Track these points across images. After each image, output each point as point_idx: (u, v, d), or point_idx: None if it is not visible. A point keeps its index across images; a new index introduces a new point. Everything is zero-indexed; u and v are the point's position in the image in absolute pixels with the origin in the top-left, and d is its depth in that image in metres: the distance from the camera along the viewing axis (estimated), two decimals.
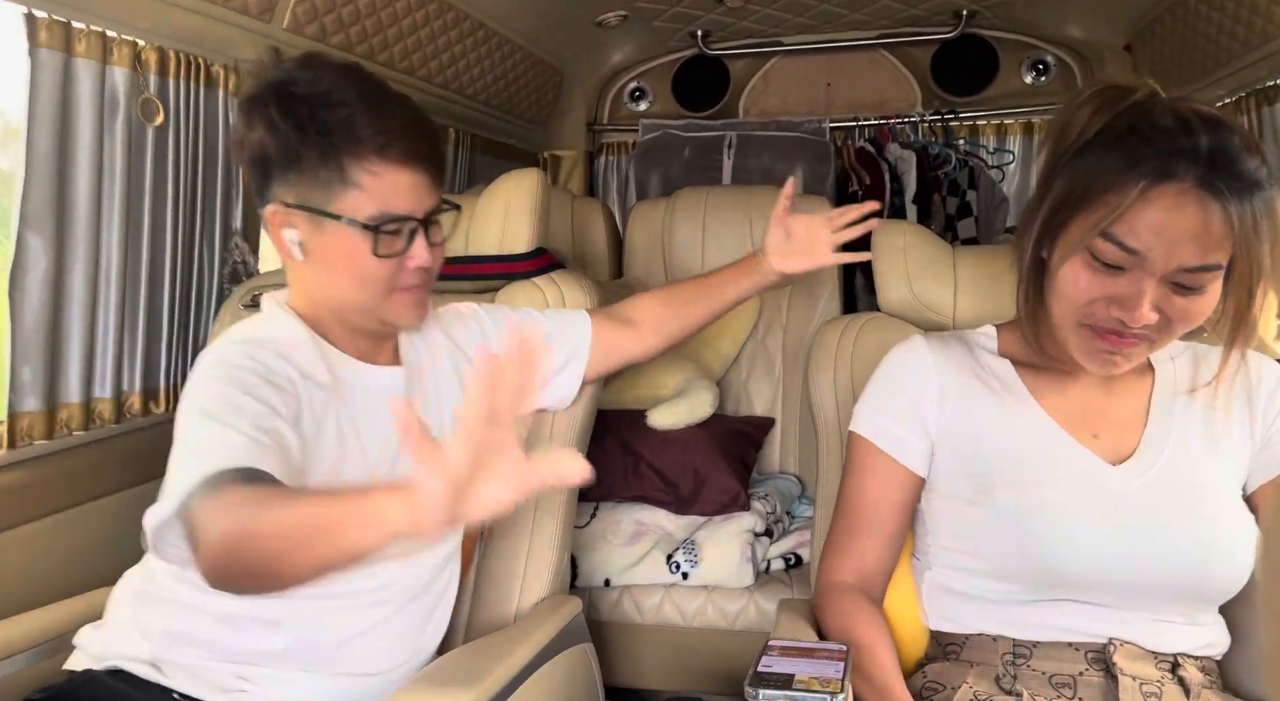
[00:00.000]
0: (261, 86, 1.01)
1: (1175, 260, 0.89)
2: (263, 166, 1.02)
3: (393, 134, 0.99)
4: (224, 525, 0.78)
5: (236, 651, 1.03)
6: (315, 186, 1.00)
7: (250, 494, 0.81)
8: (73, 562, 1.43)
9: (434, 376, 1.19)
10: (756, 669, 0.89)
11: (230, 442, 0.88)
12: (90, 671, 1.05)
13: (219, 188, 1.67)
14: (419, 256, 1.04)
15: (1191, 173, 0.88)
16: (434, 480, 0.64)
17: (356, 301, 1.06)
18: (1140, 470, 1.01)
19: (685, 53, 3.12)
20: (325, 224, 1.01)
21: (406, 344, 1.18)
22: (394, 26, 1.98)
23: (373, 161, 0.99)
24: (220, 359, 0.99)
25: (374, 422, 1.09)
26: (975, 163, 2.82)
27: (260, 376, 0.97)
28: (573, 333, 1.30)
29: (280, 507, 0.77)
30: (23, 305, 1.34)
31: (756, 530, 1.79)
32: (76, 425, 1.45)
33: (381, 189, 1.00)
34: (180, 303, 1.62)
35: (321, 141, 0.98)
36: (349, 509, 0.71)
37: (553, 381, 1.30)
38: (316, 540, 0.73)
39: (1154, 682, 0.97)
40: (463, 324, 1.25)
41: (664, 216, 2.26)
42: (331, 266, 1.03)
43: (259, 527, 0.76)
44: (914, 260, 1.34)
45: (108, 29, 1.40)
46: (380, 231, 1.01)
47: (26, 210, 1.32)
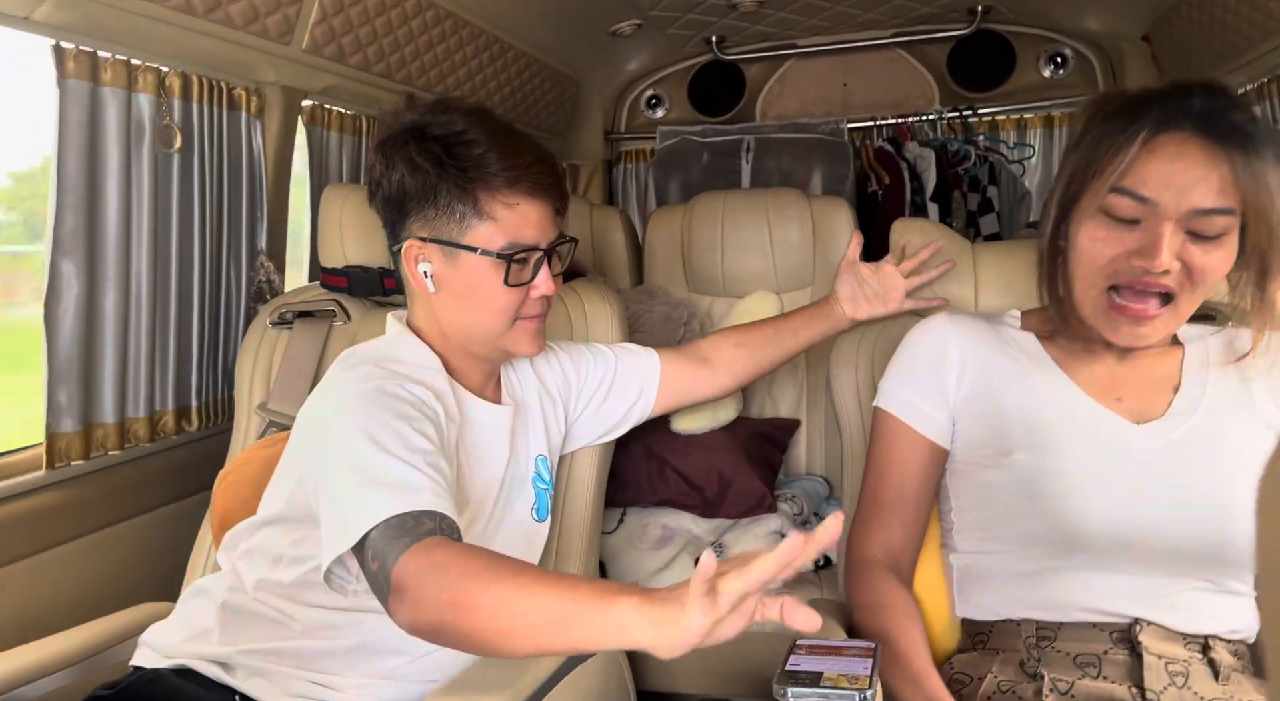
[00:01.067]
0: (397, 129, 1.07)
1: (1187, 203, 0.92)
2: (400, 204, 1.08)
3: (523, 169, 1.06)
4: (445, 595, 0.80)
5: (317, 661, 1.05)
6: (451, 221, 1.06)
7: (468, 560, 0.81)
8: (111, 580, 1.46)
9: (529, 414, 1.23)
10: (785, 667, 0.89)
11: (414, 482, 0.90)
12: (156, 670, 1.08)
13: (244, 208, 1.71)
14: (544, 285, 1.10)
15: (1190, 123, 0.94)
16: (703, 619, 0.67)
17: (484, 331, 1.10)
18: (1165, 431, 1.01)
19: (700, 58, 3.13)
20: (459, 256, 1.06)
21: (508, 382, 1.22)
22: (410, 44, 2.01)
23: (505, 194, 1.05)
24: (379, 388, 1.00)
25: (484, 459, 1.13)
26: (995, 158, 2.80)
27: (417, 409, 1.00)
28: (642, 374, 1.32)
29: (507, 585, 0.77)
30: (58, 329, 1.38)
31: (784, 531, 1.79)
32: (112, 445, 1.48)
33: (513, 220, 1.06)
34: (209, 322, 1.65)
35: (459, 176, 1.04)
36: (586, 608, 0.73)
37: (619, 422, 1.33)
38: (546, 630, 0.75)
39: (1181, 662, 0.96)
40: (547, 364, 1.28)
41: (683, 221, 2.27)
42: (463, 296, 1.08)
43: (483, 605, 0.77)
44: (934, 257, 1.34)
45: (132, 57, 1.43)
46: (512, 260, 1.05)
47: (59, 237, 1.36)
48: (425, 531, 0.86)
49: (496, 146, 1.05)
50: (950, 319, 1.15)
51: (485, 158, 1.04)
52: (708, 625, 0.67)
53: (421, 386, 1.04)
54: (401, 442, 0.94)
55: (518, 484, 1.18)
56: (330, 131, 1.95)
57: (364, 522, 0.87)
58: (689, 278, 2.27)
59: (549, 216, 1.10)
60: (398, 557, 0.84)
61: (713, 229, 2.21)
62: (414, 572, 0.82)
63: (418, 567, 0.82)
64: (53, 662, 1.18)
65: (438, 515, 0.88)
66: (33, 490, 1.37)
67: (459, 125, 1.05)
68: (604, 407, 1.31)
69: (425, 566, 0.82)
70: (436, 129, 1.05)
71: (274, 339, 1.55)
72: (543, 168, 1.08)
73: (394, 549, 0.84)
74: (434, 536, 0.85)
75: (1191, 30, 2.19)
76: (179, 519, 1.58)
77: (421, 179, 1.05)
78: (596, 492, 1.40)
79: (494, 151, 1.04)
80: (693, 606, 0.67)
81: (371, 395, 0.99)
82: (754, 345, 1.36)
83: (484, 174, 1.04)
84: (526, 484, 1.20)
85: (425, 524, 0.87)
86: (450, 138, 1.05)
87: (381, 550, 0.85)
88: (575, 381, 1.29)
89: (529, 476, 1.20)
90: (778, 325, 1.38)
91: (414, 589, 0.81)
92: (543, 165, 1.09)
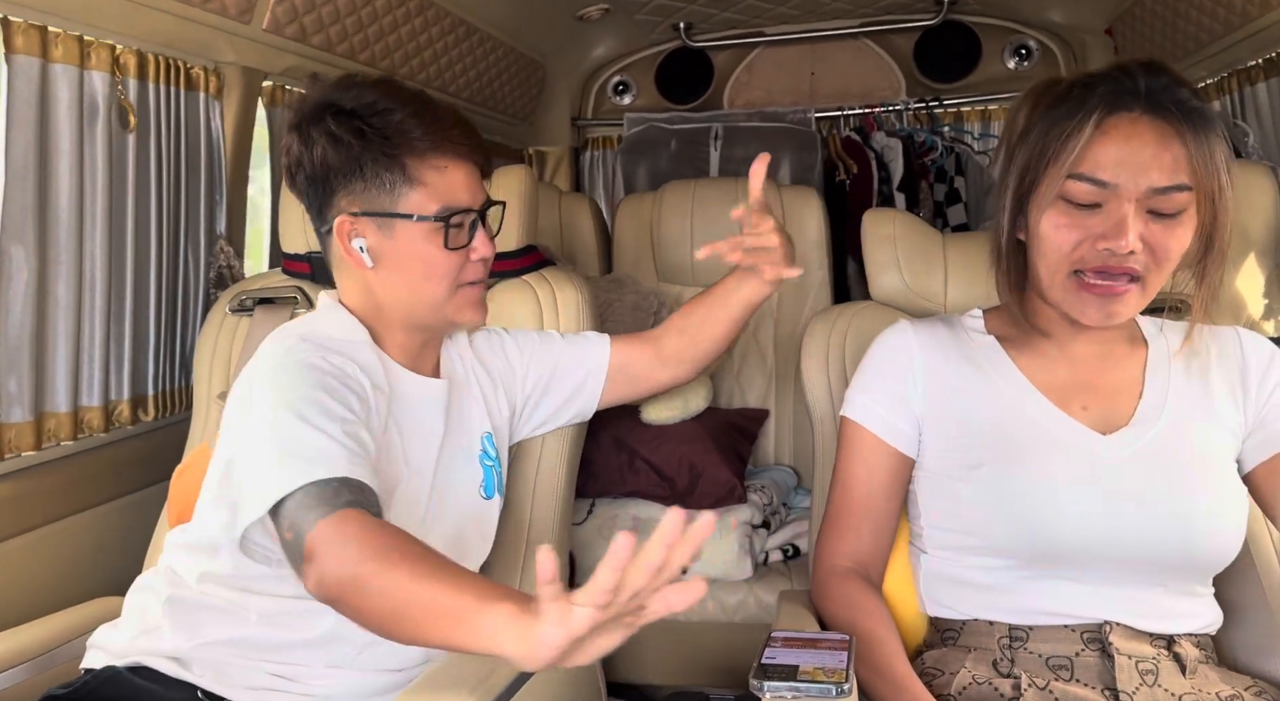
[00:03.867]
0: (310, 107, 1.06)
1: (1145, 182, 0.93)
2: (325, 182, 1.06)
3: (445, 131, 1.06)
4: (346, 570, 0.81)
5: (275, 649, 1.04)
6: (381, 191, 1.04)
7: (375, 538, 0.82)
8: (66, 573, 1.42)
9: (468, 391, 1.21)
10: (761, 661, 0.89)
11: (330, 451, 0.91)
12: (112, 667, 1.05)
13: (202, 191, 1.66)
14: (482, 246, 1.10)
15: (1139, 104, 0.95)
16: (556, 632, 0.65)
17: (428, 299, 1.09)
18: (1130, 439, 1.02)
19: (668, 45, 3.11)
20: (395, 226, 1.05)
21: (446, 359, 1.21)
22: (374, 25, 1.97)
23: (433, 158, 1.05)
24: (300, 359, 1.01)
25: (417, 432, 1.11)
26: (962, 149, 2.83)
27: (339, 380, 1.00)
28: (588, 357, 1.30)
29: (402, 571, 0.78)
30: (6, 315, 1.33)
31: (754, 522, 1.79)
32: (65, 435, 1.44)
33: (443, 184, 1.06)
34: (166, 309, 1.60)
35: (383, 144, 1.03)
36: (466, 607, 0.73)
37: (567, 408, 1.31)
38: (426, 623, 0.76)
39: (1150, 660, 0.97)
40: (489, 348, 1.27)
41: (652, 210, 2.25)
42: (403, 267, 1.07)
43: (377, 585, 0.79)
44: (903, 248, 1.34)
45: (85, 33, 1.38)
46: (449, 224, 1.05)
47: (7, 219, 1.31)
48: (343, 502, 0.86)
49: (414, 112, 1.04)
50: (914, 328, 1.14)
51: (405, 124, 1.03)
52: (561, 638, 0.65)
53: (345, 359, 1.04)
54: (320, 411, 0.94)
55: (460, 459, 1.17)
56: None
57: (279, 489, 0.87)
58: (658, 266, 2.26)
59: (477, 178, 1.10)
60: (312, 526, 0.84)
61: (683, 218, 2.20)
62: (324, 542, 0.83)
63: (328, 537, 0.83)
64: (2, 660, 1.14)
65: (356, 484, 0.89)
66: None
67: (370, 96, 1.04)
68: (548, 394, 1.29)
69: (336, 537, 0.83)
70: (350, 102, 1.04)
71: (234, 326, 1.51)
72: (463, 130, 1.08)
73: (309, 517, 0.85)
74: (351, 508, 0.86)
75: (1154, 23, 2.22)
76: (135, 511, 1.53)
77: (344, 152, 1.03)
78: (567, 484, 1.39)
79: (413, 117, 1.04)
80: (545, 617, 0.66)
81: (292, 368, 1.00)
82: (692, 328, 1.30)
83: (408, 139, 1.03)
84: (472, 460, 1.18)
85: (344, 494, 0.87)
86: (365, 109, 1.03)
87: (296, 519, 0.86)
88: (519, 366, 1.27)
89: (474, 452, 1.19)
90: (708, 299, 1.29)
91: (321, 558, 0.82)
92: (462, 127, 1.08)
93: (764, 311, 2.17)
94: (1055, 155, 0.96)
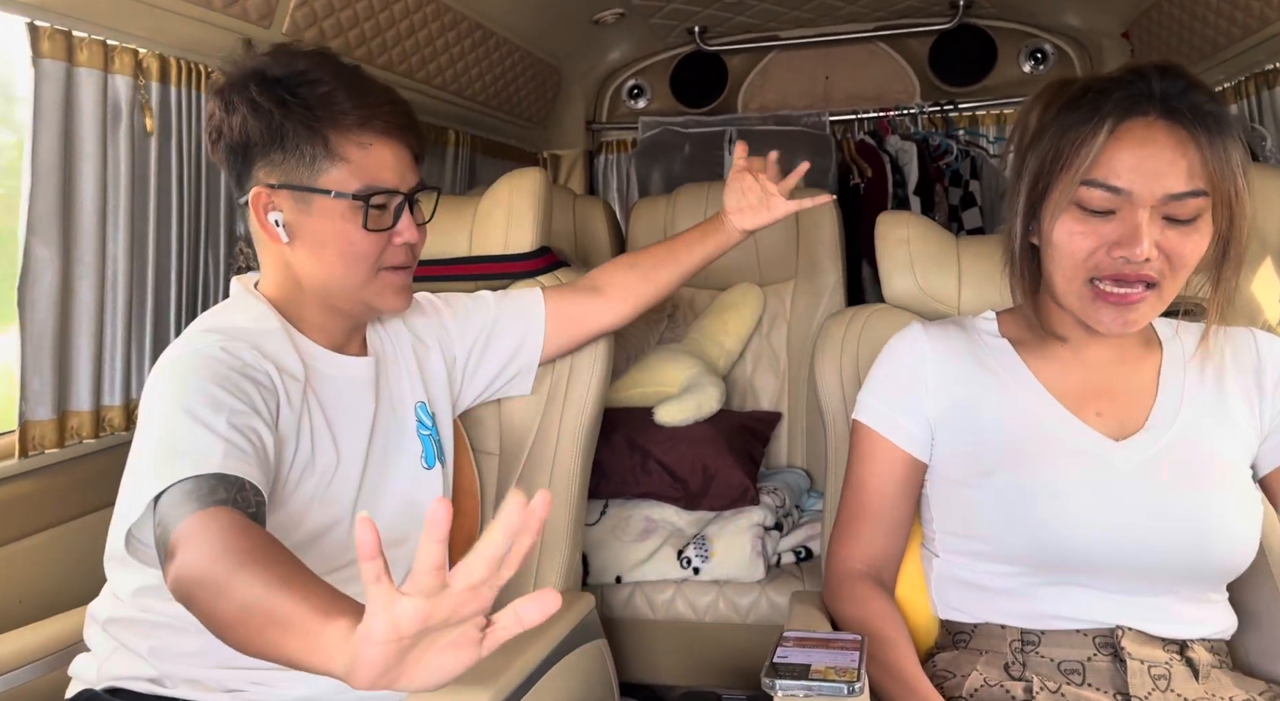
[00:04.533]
0: (237, 73, 1.02)
1: (1160, 188, 0.92)
2: (244, 151, 1.02)
3: (374, 107, 1.01)
4: (199, 568, 0.76)
5: (234, 657, 1.02)
6: (300, 164, 1.00)
7: (234, 539, 0.77)
8: (85, 570, 1.43)
9: (398, 367, 1.19)
10: (773, 660, 0.90)
11: (211, 446, 0.87)
12: (89, 691, 1.04)
13: (222, 193, 1.68)
14: (406, 231, 1.05)
15: (1154, 108, 0.93)
16: (379, 623, 0.57)
17: (345, 281, 1.05)
18: (1144, 445, 1.01)
19: (683, 49, 3.12)
20: (313, 201, 1.01)
21: (373, 335, 1.18)
22: (392, 29, 1.99)
23: (357, 134, 1.00)
24: (195, 351, 0.97)
25: (345, 413, 1.09)
26: (977, 152, 2.82)
27: (237, 371, 0.96)
28: (525, 312, 1.29)
29: (250, 575, 0.73)
30: (32, 314, 1.35)
31: (766, 524, 1.80)
32: (87, 433, 1.46)
33: (367, 162, 1.01)
34: (186, 308, 1.62)
35: (305, 115, 0.98)
36: (306, 619, 0.66)
37: (508, 365, 1.30)
38: (261, 628, 0.70)
39: (1162, 665, 0.97)
40: (421, 314, 1.25)
41: (666, 213, 2.26)
42: (320, 245, 1.03)
43: (224, 586, 0.73)
44: (917, 250, 1.35)
45: (109, 38, 1.40)
46: (369, 204, 1.01)
47: (33, 220, 1.33)
48: (216, 500, 0.82)
49: (344, 85, 1.00)
50: (926, 332, 1.14)
51: (333, 96, 0.99)
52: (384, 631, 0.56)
53: (249, 346, 0.99)
54: (208, 404, 0.90)
55: (395, 434, 1.15)
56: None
57: (153, 488, 0.85)
58: None
59: (407, 160, 1.05)
60: (178, 522, 0.80)
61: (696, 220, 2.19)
62: (185, 539, 0.79)
63: (191, 534, 0.79)
64: (24, 655, 1.16)
65: (234, 481, 0.85)
66: (5, 478, 1.35)
67: (301, 65, 1.00)
68: (489, 351, 1.28)
69: (198, 534, 0.78)
70: (278, 70, 1.00)
71: None
72: (395, 108, 1.03)
73: (177, 514, 0.81)
74: (222, 507, 0.82)
75: (1171, 27, 2.21)
76: None
77: (265, 121, 0.99)
78: (580, 484, 1.40)
79: (342, 90, 0.99)
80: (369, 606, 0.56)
81: (187, 359, 0.96)
82: (646, 266, 1.32)
83: (332, 112, 0.99)
84: (408, 433, 1.16)
85: (218, 492, 0.83)
86: (293, 78, 0.99)
87: (165, 515, 0.82)
88: (454, 328, 1.25)
89: (409, 425, 1.17)
90: (670, 245, 1.34)
91: (180, 555, 0.78)
92: (394, 105, 1.04)
93: (777, 313, 2.17)
94: (1069, 161, 0.95)
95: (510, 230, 1.43)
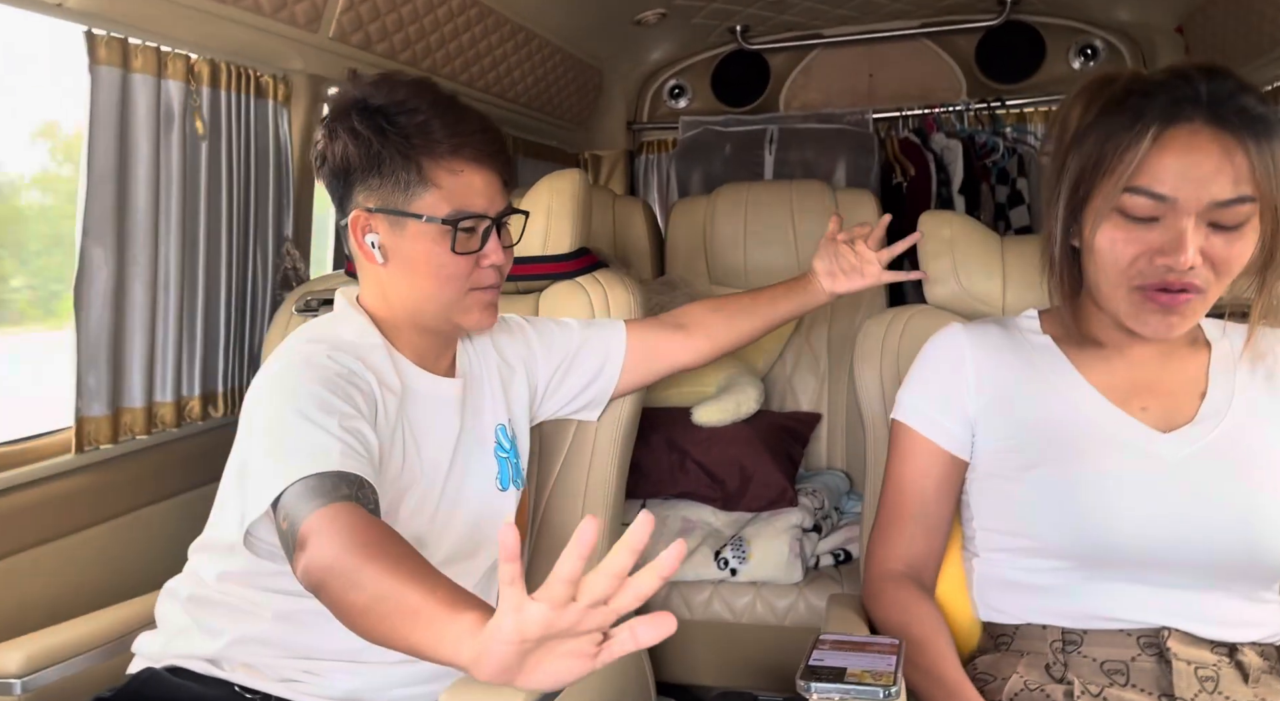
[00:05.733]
0: (340, 103, 1.08)
1: (1206, 196, 0.90)
2: (345, 175, 1.08)
3: (466, 136, 1.06)
4: (329, 558, 0.81)
5: (296, 646, 1.06)
6: (395, 190, 1.05)
7: (362, 531, 0.83)
8: (138, 563, 1.48)
9: (486, 387, 1.23)
10: (808, 662, 0.89)
11: (328, 446, 0.92)
12: (150, 669, 1.09)
13: (270, 196, 1.71)
14: (493, 253, 1.09)
15: (1199, 113, 0.90)
16: (507, 622, 0.62)
17: (435, 301, 1.10)
18: (1193, 437, 0.99)
19: (724, 48, 3.11)
20: (406, 225, 1.06)
21: (462, 355, 1.22)
22: (436, 33, 2.01)
23: (449, 161, 1.05)
24: (303, 358, 1.03)
25: (433, 432, 1.13)
26: (1024, 150, 2.77)
27: (343, 378, 1.01)
28: (607, 342, 1.32)
29: (380, 566, 0.78)
30: (88, 314, 1.39)
31: (805, 526, 1.79)
32: (139, 429, 1.50)
33: (457, 188, 1.06)
34: (235, 309, 1.66)
35: (401, 143, 1.04)
36: (435, 612, 0.72)
37: (583, 393, 1.33)
38: (394, 622, 0.75)
39: (1210, 666, 0.95)
40: (508, 335, 1.29)
41: (705, 214, 2.26)
42: (412, 267, 1.08)
43: (354, 576, 0.79)
44: (961, 251, 1.33)
45: (162, 44, 1.44)
46: (458, 228, 1.06)
47: (88, 222, 1.37)
48: (339, 495, 0.87)
49: (439, 114, 1.05)
50: (966, 330, 1.13)
51: (428, 125, 1.04)
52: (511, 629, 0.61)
53: (354, 358, 1.05)
54: (320, 406, 0.95)
55: (475, 454, 1.18)
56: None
57: (276, 486, 0.89)
58: (711, 269, 2.26)
59: (496, 186, 1.10)
60: (306, 516, 0.85)
61: (736, 221, 2.20)
62: (315, 531, 0.83)
63: (320, 527, 0.84)
64: (80, 644, 1.19)
65: (354, 479, 0.90)
66: (61, 473, 1.39)
67: (401, 94, 1.05)
68: (569, 377, 1.31)
69: (327, 527, 0.83)
70: (379, 99, 1.05)
71: (299, 326, 1.56)
72: (486, 136, 1.08)
73: (305, 508, 0.86)
74: (346, 502, 0.86)
75: (1227, 22, 2.15)
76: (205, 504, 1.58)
77: (364, 148, 1.04)
78: (618, 484, 1.40)
79: (437, 119, 1.04)
80: (501, 604, 0.62)
81: (298, 366, 1.01)
82: (729, 311, 1.36)
83: (428, 140, 1.04)
84: (487, 453, 1.20)
85: (341, 488, 0.88)
86: (392, 107, 1.04)
87: (292, 510, 0.87)
88: (540, 351, 1.29)
89: (489, 446, 1.20)
90: (755, 296, 1.38)
91: (311, 546, 0.83)
92: (486, 134, 1.08)
93: (817, 315, 2.15)
94: (1111, 167, 0.93)
95: (550, 231, 1.44)
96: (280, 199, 1.74)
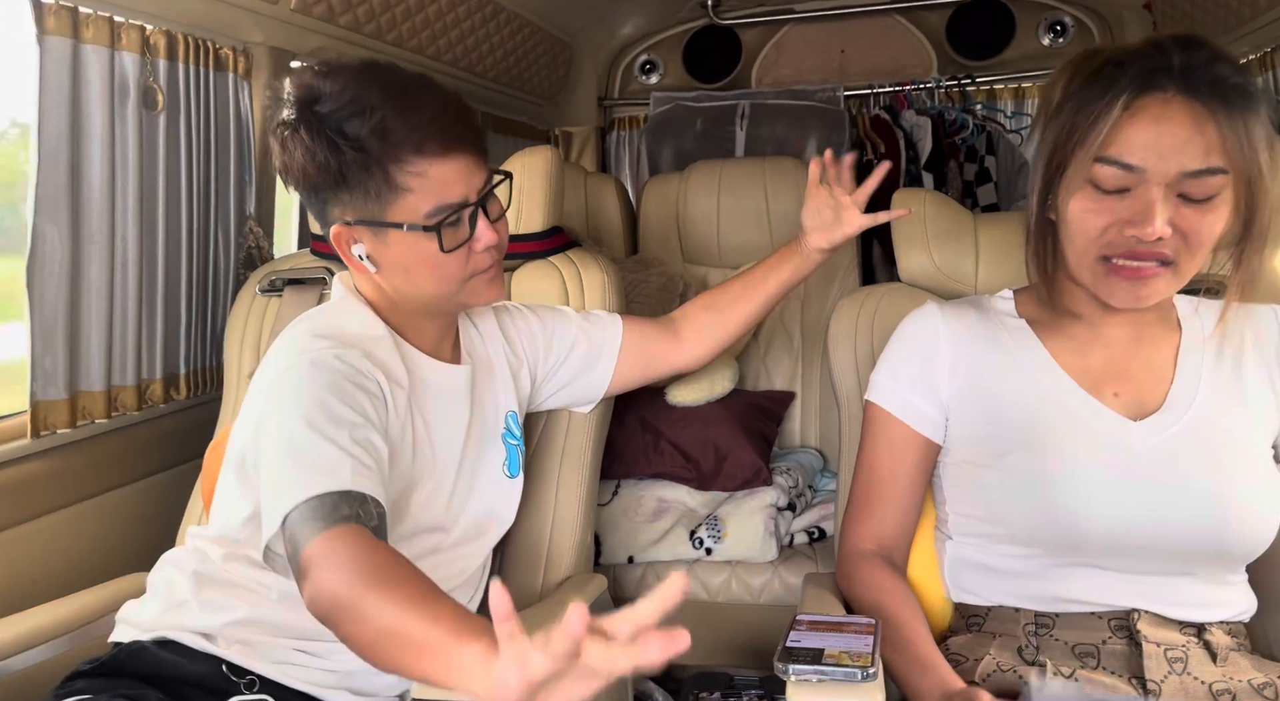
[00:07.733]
0: (288, 109, 0.99)
1: (1175, 166, 0.90)
2: (314, 191, 1.02)
3: (425, 127, 0.98)
4: (333, 591, 0.80)
5: (299, 627, 1.04)
6: (368, 200, 0.99)
7: (363, 559, 0.81)
8: (98, 550, 1.45)
9: (497, 374, 1.21)
10: (786, 644, 0.89)
11: (336, 462, 0.90)
12: (138, 642, 1.06)
13: (232, 172, 1.67)
14: (485, 237, 1.05)
15: (1172, 83, 0.90)
16: (512, 673, 0.62)
17: (437, 297, 1.07)
18: (1163, 425, 1.00)
19: (696, 23, 3.08)
20: (388, 233, 1.01)
21: (467, 339, 1.20)
22: (401, 4, 1.96)
23: (414, 162, 0.98)
24: (312, 360, 0.99)
25: (444, 421, 1.11)
26: (993, 127, 2.78)
27: (352, 382, 0.98)
28: (602, 335, 1.30)
29: (381, 597, 0.77)
30: (42, 295, 1.35)
31: (779, 504, 1.79)
32: (99, 413, 1.46)
33: (430, 185, 0.99)
34: (197, 289, 1.62)
35: (359, 156, 0.97)
36: (441, 642, 0.71)
37: (575, 383, 1.31)
38: (400, 650, 0.75)
39: (1179, 647, 0.96)
40: (513, 321, 1.27)
41: (678, 191, 2.24)
42: (406, 270, 1.04)
43: (359, 610, 0.78)
44: (934, 228, 1.33)
45: (115, 14, 1.39)
46: (442, 227, 1.00)
47: (41, 200, 1.32)
48: (341, 517, 0.85)
49: (394, 109, 0.96)
50: (941, 312, 1.12)
51: (384, 126, 0.96)
52: (516, 680, 0.61)
53: (361, 354, 1.02)
54: (330, 418, 0.93)
55: (486, 441, 1.17)
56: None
57: (283, 507, 0.87)
58: (684, 248, 2.25)
59: (468, 165, 1.02)
60: (307, 542, 0.84)
61: (709, 199, 2.19)
62: (316, 560, 0.83)
63: (321, 555, 0.83)
64: (38, 634, 1.17)
65: (357, 497, 0.88)
66: (17, 459, 1.35)
67: (349, 93, 0.96)
68: (562, 368, 1.28)
69: (328, 556, 0.82)
70: (327, 103, 0.96)
71: (263, 306, 1.52)
72: (446, 119, 0.99)
73: (305, 533, 0.84)
74: (347, 524, 0.85)
75: None
76: (167, 488, 1.56)
77: (321, 165, 0.97)
78: (592, 465, 1.39)
79: (392, 116, 0.96)
80: (503, 658, 0.62)
81: (305, 369, 0.98)
82: (723, 304, 1.32)
83: (386, 144, 0.96)
84: (496, 440, 1.18)
85: (342, 509, 0.86)
86: (342, 112, 0.96)
87: (295, 534, 0.86)
88: (543, 341, 1.27)
89: (498, 432, 1.19)
90: (746, 278, 1.32)
91: (314, 576, 0.82)
92: (447, 115, 1.00)
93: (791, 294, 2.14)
94: (1082, 137, 0.93)
95: (521, 210, 1.42)
96: (242, 175, 1.69)
